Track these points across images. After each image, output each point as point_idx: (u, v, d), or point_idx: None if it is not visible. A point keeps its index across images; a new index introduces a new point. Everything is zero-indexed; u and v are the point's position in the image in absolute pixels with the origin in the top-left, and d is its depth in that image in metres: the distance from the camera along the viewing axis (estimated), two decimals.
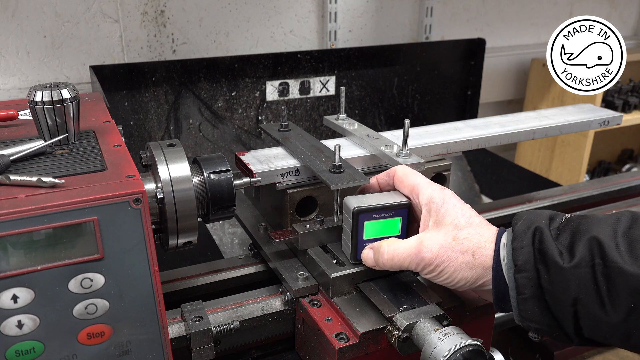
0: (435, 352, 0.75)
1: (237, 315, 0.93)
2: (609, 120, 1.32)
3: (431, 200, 0.82)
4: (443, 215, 0.80)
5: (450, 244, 0.77)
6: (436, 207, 0.81)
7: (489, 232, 0.78)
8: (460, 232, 0.78)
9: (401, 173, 0.88)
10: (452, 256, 0.77)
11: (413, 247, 0.79)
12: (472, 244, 0.77)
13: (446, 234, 0.78)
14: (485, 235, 0.78)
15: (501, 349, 0.97)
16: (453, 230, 0.78)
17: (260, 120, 1.83)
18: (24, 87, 1.68)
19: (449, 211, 0.80)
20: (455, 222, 0.79)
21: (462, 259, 0.77)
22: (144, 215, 0.70)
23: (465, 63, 2.09)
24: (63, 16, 1.65)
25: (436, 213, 0.81)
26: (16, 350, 0.67)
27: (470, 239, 0.77)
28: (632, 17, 2.80)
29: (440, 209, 0.80)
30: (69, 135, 0.84)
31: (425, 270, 0.80)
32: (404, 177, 0.87)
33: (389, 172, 0.90)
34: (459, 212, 0.80)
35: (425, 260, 0.78)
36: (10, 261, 0.64)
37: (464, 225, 0.78)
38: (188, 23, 1.81)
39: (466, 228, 0.78)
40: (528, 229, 0.73)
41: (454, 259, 0.77)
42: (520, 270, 0.71)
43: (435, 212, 0.81)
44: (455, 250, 0.77)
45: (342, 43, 2.07)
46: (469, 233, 0.78)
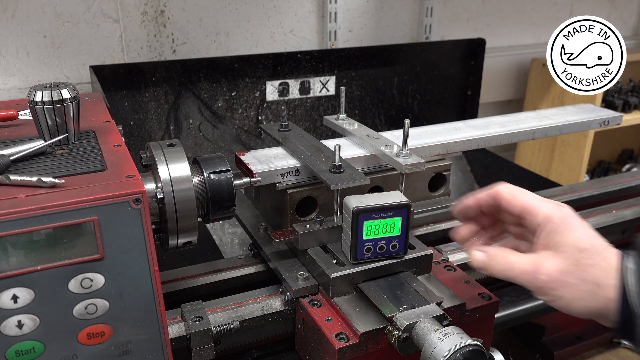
0: (435, 352, 0.75)
1: (237, 315, 0.93)
2: (609, 120, 1.32)
3: (549, 220, 0.74)
4: (563, 236, 0.73)
5: (572, 270, 0.71)
6: (554, 227, 0.74)
7: (612, 256, 0.71)
8: (583, 257, 0.71)
9: (508, 193, 0.80)
10: (573, 283, 0.70)
11: (530, 265, 0.74)
12: (597, 273, 0.70)
13: (567, 258, 0.71)
14: (609, 260, 0.70)
15: (501, 349, 0.97)
16: (576, 254, 0.71)
17: (260, 120, 1.83)
18: (24, 87, 1.68)
19: (571, 232, 0.73)
20: (578, 246, 0.71)
21: (585, 288, 0.70)
22: (144, 215, 0.70)
23: (465, 63, 2.09)
24: (63, 16, 1.65)
25: (555, 234, 0.74)
26: (16, 350, 0.67)
27: (595, 266, 0.70)
28: (632, 17, 2.80)
29: (559, 228, 0.73)
30: (69, 135, 0.84)
31: (539, 293, 0.74)
32: (513, 197, 0.79)
33: (491, 194, 0.82)
34: (582, 233, 0.73)
35: (541, 283, 0.72)
36: (10, 261, 0.64)
37: (587, 248, 0.71)
38: (188, 23, 1.81)
39: (590, 252, 0.71)
40: None
41: (574, 286, 0.70)
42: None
43: (554, 233, 0.74)
44: (577, 277, 0.70)
45: (342, 43, 2.07)
46: (594, 259, 0.70)
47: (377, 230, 0.89)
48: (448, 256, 1.11)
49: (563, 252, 0.72)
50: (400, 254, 0.93)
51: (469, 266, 1.13)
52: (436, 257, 1.06)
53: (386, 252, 0.91)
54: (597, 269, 0.70)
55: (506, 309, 1.15)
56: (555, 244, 0.73)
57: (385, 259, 0.92)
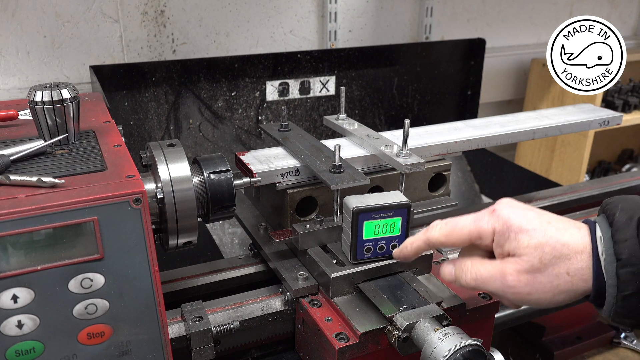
0: (435, 352, 0.75)
1: (237, 315, 0.93)
2: (609, 120, 1.32)
3: (495, 234, 0.73)
4: (515, 241, 0.71)
5: (539, 268, 0.70)
6: (503, 238, 0.73)
7: (573, 237, 0.70)
8: (544, 252, 0.69)
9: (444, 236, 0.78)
10: (545, 281, 0.69)
11: (496, 271, 0.73)
12: (564, 264, 0.69)
13: (530, 258, 0.70)
14: (570, 245, 0.69)
15: (501, 349, 0.97)
16: (535, 252, 0.70)
17: (260, 120, 1.83)
18: (24, 87, 1.68)
19: (519, 235, 0.71)
20: (533, 244, 0.70)
21: (558, 282, 0.69)
22: (144, 215, 0.70)
23: (465, 63, 2.09)
24: (63, 16, 1.65)
25: (507, 243, 0.72)
26: (16, 350, 0.67)
27: (559, 257, 0.69)
28: (632, 17, 2.80)
29: (508, 237, 0.72)
30: (69, 135, 0.84)
31: (516, 297, 0.73)
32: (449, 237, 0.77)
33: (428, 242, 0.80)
34: (529, 230, 0.71)
35: (511, 287, 0.71)
36: (10, 261, 0.64)
37: (543, 243, 0.70)
38: (188, 23, 1.81)
39: (548, 246, 0.69)
40: (631, 220, 0.66)
41: (548, 283, 0.69)
42: (625, 265, 0.65)
43: (506, 242, 0.72)
44: (546, 273, 0.69)
45: (342, 43, 2.07)
46: (555, 250, 0.69)
47: (377, 230, 0.89)
48: (448, 256, 1.11)
49: (522, 255, 0.71)
50: None
51: None
52: (436, 257, 1.06)
53: (386, 252, 0.91)
54: (563, 260, 0.69)
55: (506, 309, 1.15)
56: (512, 251, 0.72)
57: (385, 259, 0.92)
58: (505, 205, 0.75)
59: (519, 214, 0.73)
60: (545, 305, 0.72)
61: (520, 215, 0.73)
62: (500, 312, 1.11)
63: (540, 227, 0.71)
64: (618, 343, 1.55)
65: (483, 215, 0.75)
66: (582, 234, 0.70)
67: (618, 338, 1.55)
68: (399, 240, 0.91)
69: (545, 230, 0.71)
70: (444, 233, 0.78)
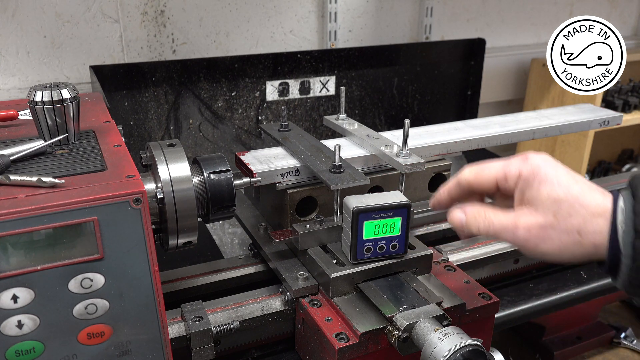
0: (435, 352, 0.75)
1: (237, 315, 0.93)
2: (609, 120, 1.32)
3: (520, 178, 0.74)
4: (536, 190, 0.72)
5: (551, 224, 0.70)
6: (526, 184, 0.73)
7: (592, 201, 0.70)
8: (560, 209, 0.70)
9: (474, 176, 0.79)
10: (554, 236, 0.70)
11: (509, 222, 0.73)
12: (577, 222, 0.69)
13: (544, 212, 0.71)
14: (590, 207, 0.69)
15: (501, 349, 0.97)
16: (552, 207, 0.70)
17: (260, 120, 1.83)
18: (24, 87, 1.67)
19: (542, 185, 0.71)
20: (552, 198, 0.70)
21: (567, 239, 0.69)
22: (144, 215, 0.70)
23: (465, 63, 2.09)
24: (63, 16, 1.65)
25: (528, 190, 0.73)
26: (16, 350, 0.67)
27: (573, 215, 0.69)
28: (632, 17, 2.80)
29: (531, 184, 0.72)
30: (69, 135, 0.84)
31: (523, 249, 0.74)
32: (479, 177, 0.79)
33: (459, 182, 0.81)
34: (554, 183, 0.71)
35: (521, 238, 0.72)
36: (10, 261, 0.64)
37: (562, 199, 0.70)
38: (188, 23, 1.81)
39: (566, 203, 0.70)
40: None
41: (556, 238, 0.70)
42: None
43: (527, 189, 0.73)
44: (557, 229, 0.70)
45: (342, 43, 2.07)
46: (572, 208, 0.69)
47: (377, 230, 0.89)
48: (448, 256, 1.11)
49: (539, 206, 0.71)
50: (400, 254, 0.93)
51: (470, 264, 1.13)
52: (436, 257, 1.06)
53: (386, 252, 0.91)
54: (577, 218, 0.69)
55: (506, 309, 1.15)
56: (530, 200, 0.73)
57: (385, 259, 0.92)
58: (539, 156, 0.75)
59: (549, 166, 0.74)
60: (550, 258, 0.73)
61: (550, 167, 0.73)
62: (500, 312, 1.11)
63: (565, 183, 0.71)
64: (618, 343, 1.55)
65: (514, 159, 0.76)
66: (605, 199, 0.70)
67: (618, 338, 1.55)
68: (399, 241, 0.91)
69: (569, 187, 0.71)
70: (474, 172, 0.79)
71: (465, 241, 1.18)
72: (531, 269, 1.27)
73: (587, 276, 1.27)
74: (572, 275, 1.27)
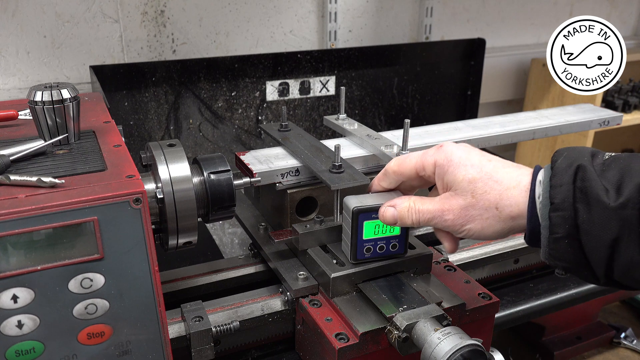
0: (435, 352, 0.75)
1: (237, 315, 0.93)
2: (609, 120, 1.32)
3: (436, 166, 0.79)
4: (453, 174, 0.76)
5: (471, 204, 0.74)
6: (443, 170, 0.78)
7: (507, 175, 0.74)
8: (476, 188, 0.74)
9: (396, 166, 0.85)
10: (476, 214, 0.74)
11: (436, 210, 0.78)
12: (493, 197, 0.73)
13: (463, 193, 0.75)
14: (503, 182, 0.74)
15: (501, 349, 0.97)
16: (469, 187, 0.75)
17: (260, 120, 1.83)
18: (24, 87, 1.67)
19: (457, 169, 0.76)
20: (467, 179, 0.75)
21: (488, 215, 0.74)
22: (144, 215, 0.70)
23: (465, 63, 2.09)
24: (63, 16, 1.65)
25: (446, 175, 0.77)
26: (16, 350, 0.67)
27: (489, 192, 0.73)
28: (632, 17, 2.80)
29: (447, 169, 0.77)
30: (69, 135, 0.84)
31: (452, 231, 0.78)
32: (401, 167, 0.84)
33: (385, 172, 0.87)
34: (467, 165, 0.76)
35: (449, 222, 0.76)
36: (10, 261, 0.64)
37: (476, 178, 0.74)
38: (188, 23, 1.81)
39: (481, 181, 0.74)
40: (569, 167, 0.69)
41: (478, 216, 0.74)
42: (557, 209, 0.68)
43: (445, 175, 0.78)
44: (477, 208, 0.74)
45: (342, 43, 2.06)
46: (486, 185, 0.74)
47: (377, 230, 0.89)
48: (448, 256, 1.11)
49: (457, 189, 0.76)
50: (400, 253, 0.93)
51: (470, 264, 1.13)
52: (436, 257, 1.06)
53: (386, 252, 0.91)
54: (493, 195, 0.73)
55: (506, 309, 1.15)
56: (450, 185, 0.77)
57: (385, 259, 0.92)
58: (452, 144, 0.80)
59: (462, 150, 0.78)
60: (478, 237, 0.76)
61: (463, 151, 0.78)
62: (500, 312, 1.11)
63: (478, 164, 0.76)
64: (618, 343, 1.55)
65: (430, 149, 0.81)
66: (519, 173, 0.75)
67: (618, 338, 1.55)
68: (399, 241, 0.91)
69: (482, 167, 0.75)
70: (397, 163, 0.85)
71: (465, 241, 1.18)
72: (531, 269, 1.27)
73: None
74: (572, 276, 1.26)
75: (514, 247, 1.18)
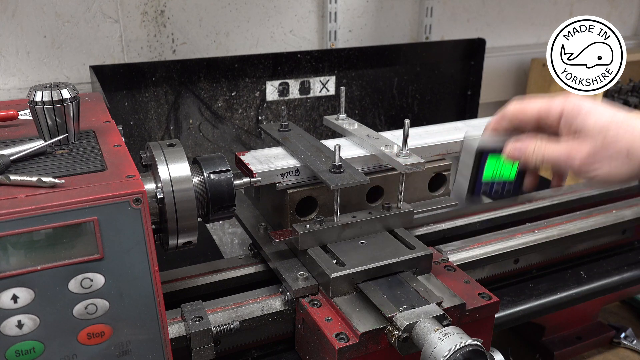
0: (435, 352, 0.75)
1: (237, 315, 0.93)
2: None
3: (564, 112, 0.79)
4: (583, 121, 0.77)
5: (600, 150, 0.75)
6: (572, 116, 0.78)
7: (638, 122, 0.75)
8: (607, 135, 0.75)
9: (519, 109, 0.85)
10: (605, 159, 0.75)
11: (563, 153, 0.79)
12: (625, 144, 0.74)
13: (593, 139, 0.76)
14: (636, 129, 0.74)
15: (501, 349, 0.97)
16: (600, 134, 0.75)
17: (260, 120, 1.83)
18: (24, 87, 1.67)
19: (588, 115, 0.77)
20: (598, 125, 0.76)
21: (616, 160, 0.75)
22: (144, 215, 0.70)
23: (465, 63, 2.09)
24: (63, 16, 1.65)
25: (575, 121, 0.78)
26: (16, 350, 0.67)
27: (620, 139, 0.74)
28: (632, 17, 2.79)
29: (576, 116, 0.78)
30: (69, 135, 0.84)
31: (578, 175, 0.79)
32: (524, 110, 0.85)
33: (504, 116, 0.87)
34: (599, 112, 0.77)
35: (576, 166, 0.78)
36: (10, 261, 0.64)
37: (608, 125, 0.75)
38: (188, 23, 1.81)
39: (612, 128, 0.75)
40: None
41: (606, 161, 0.75)
42: None
43: (574, 121, 0.78)
44: (606, 154, 0.75)
45: (342, 43, 2.06)
46: (618, 133, 0.75)
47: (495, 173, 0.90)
48: (448, 256, 1.11)
49: (587, 135, 0.77)
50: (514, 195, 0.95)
51: (470, 264, 1.13)
52: (436, 257, 1.06)
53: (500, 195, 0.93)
54: (623, 141, 0.74)
55: (506, 309, 1.15)
56: (579, 130, 0.78)
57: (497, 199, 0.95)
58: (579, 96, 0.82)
59: (589, 100, 0.79)
60: (602, 180, 0.77)
61: (591, 102, 0.79)
62: (500, 312, 1.11)
63: (610, 111, 0.77)
64: (618, 343, 1.55)
65: (556, 98, 0.82)
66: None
67: (618, 338, 1.55)
68: (514, 186, 0.93)
69: (614, 114, 0.76)
70: (518, 107, 0.86)
71: (465, 241, 1.18)
72: (531, 268, 1.28)
73: (587, 276, 1.27)
74: (572, 275, 1.27)
75: (514, 247, 1.18)
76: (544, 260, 1.29)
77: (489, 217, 1.33)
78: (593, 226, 1.28)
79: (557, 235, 1.23)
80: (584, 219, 1.29)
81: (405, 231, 1.03)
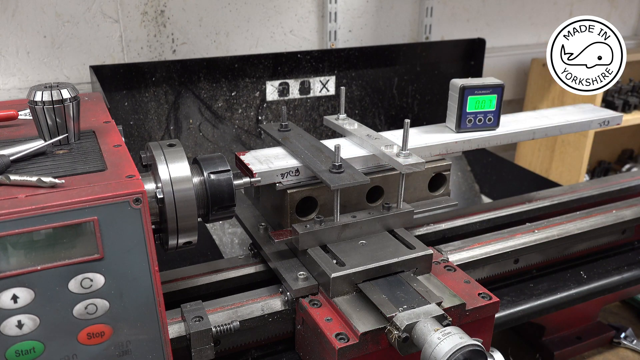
0: (435, 352, 0.75)
1: (237, 315, 0.93)
2: (609, 120, 1.32)
3: None
4: None
5: None
6: None
7: None
8: None
9: None
10: None
11: None
12: None
13: None
14: None
15: (501, 349, 0.97)
16: None
17: (260, 120, 1.83)
18: (24, 87, 1.67)
19: None
20: None
21: None
22: (144, 215, 0.70)
23: (465, 63, 2.09)
24: (63, 16, 1.65)
25: None
26: (16, 350, 0.67)
27: None
28: (632, 17, 2.79)
29: None
30: (69, 135, 0.84)
31: None
32: None
33: None
34: None
35: None
36: (10, 261, 0.64)
37: None
38: (188, 23, 1.81)
39: None
40: None
41: None
42: None
43: None
44: None
45: (342, 43, 2.06)
46: None
47: (477, 105, 1.11)
48: (448, 256, 1.11)
49: None
50: (494, 126, 1.17)
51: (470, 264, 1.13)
52: (436, 257, 1.06)
53: (483, 125, 1.14)
54: None
55: (506, 309, 1.15)
56: None
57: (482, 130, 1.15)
58: None
59: None
60: None
61: None
62: (500, 312, 1.11)
63: None
64: (618, 343, 1.55)
65: None
66: None
67: (618, 338, 1.55)
68: (494, 115, 1.15)
69: None
70: None
71: (465, 241, 1.18)
72: (531, 268, 1.28)
73: (587, 276, 1.27)
74: (572, 275, 1.27)
75: (514, 247, 1.18)
76: (544, 260, 1.29)
77: (488, 217, 1.33)
78: (593, 226, 1.28)
79: (557, 235, 1.23)
80: (584, 219, 1.29)
81: (405, 231, 1.03)
